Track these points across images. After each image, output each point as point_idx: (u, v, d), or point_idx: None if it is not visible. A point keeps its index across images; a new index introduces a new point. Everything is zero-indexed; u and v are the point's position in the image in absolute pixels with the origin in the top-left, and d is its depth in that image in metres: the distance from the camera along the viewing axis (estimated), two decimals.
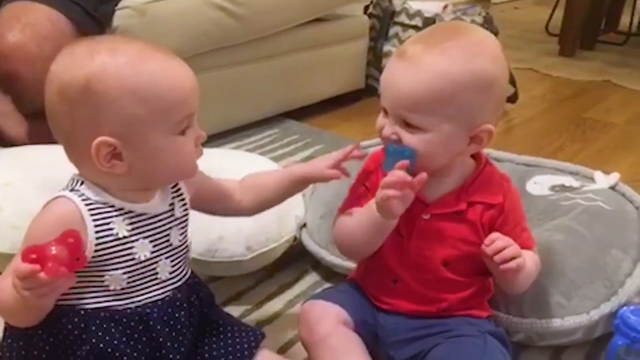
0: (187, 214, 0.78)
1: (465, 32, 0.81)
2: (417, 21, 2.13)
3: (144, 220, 0.72)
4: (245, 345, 0.80)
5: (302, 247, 1.17)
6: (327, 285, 1.11)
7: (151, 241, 0.72)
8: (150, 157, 0.68)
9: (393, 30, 2.20)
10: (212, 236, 1.04)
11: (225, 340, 0.80)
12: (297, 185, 0.88)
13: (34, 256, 0.59)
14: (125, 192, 0.70)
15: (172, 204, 0.76)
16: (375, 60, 2.23)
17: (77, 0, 1.37)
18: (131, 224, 0.70)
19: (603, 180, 1.14)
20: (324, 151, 1.67)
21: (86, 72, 0.64)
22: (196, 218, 1.03)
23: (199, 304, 0.79)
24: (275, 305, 1.07)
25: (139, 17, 1.47)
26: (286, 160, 1.67)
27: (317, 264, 1.17)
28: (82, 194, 0.69)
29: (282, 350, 0.94)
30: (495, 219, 0.84)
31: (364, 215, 0.84)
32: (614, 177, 1.13)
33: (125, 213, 0.70)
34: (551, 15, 3.34)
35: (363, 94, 2.24)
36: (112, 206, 0.69)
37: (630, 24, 3.22)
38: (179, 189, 0.77)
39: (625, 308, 0.90)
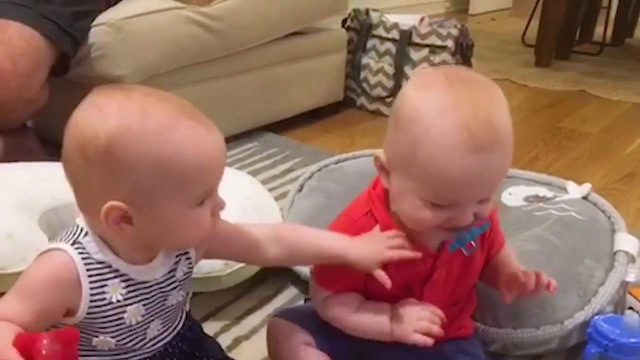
0: (190, 272, 0.75)
1: (486, 85, 0.74)
2: (394, 34, 2.15)
3: (142, 284, 0.68)
4: None
5: None
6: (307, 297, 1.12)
7: (144, 305, 0.69)
8: (163, 227, 0.65)
9: (371, 42, 2.22)
10: None
11: None
12: (328, 262, 0.80)
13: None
14: (128, 251, 0.67)
15: (175, 265, 0.72)
16: (353, 72, 2.25)
17: (51, 17, 1.36)
18: (126, 287, 0.67)
19: (576, 190, 1.16)
20: (304, 163, 1.68)
21: (110, 131, 0.60)
22: None
23: (189, 348, 0.77)
24: (254, 319, 1.07)
25: (115, 33, 1.47)
26: (266, 173, 1.67)
27: (296, 279, 1.17)
28: (84, 249, 0.65)
29: None
30: (490, 229, 0.84)
31: (371, 325, 0.80)
32: (586, 187, 1.15)
33: (122, 276, 0.67)
34: (527, 26, 3.39)
35: (342, 107, 2.25)
36: (110, 267, 0.66)
37: (604, 34, 3.28)
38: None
39: (597, 317, 0.92)
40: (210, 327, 1.01)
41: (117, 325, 0.67)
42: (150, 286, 0.69)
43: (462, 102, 0.69)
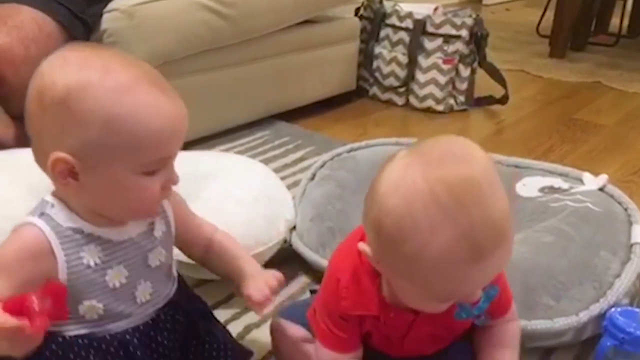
0: (169, 231, 0.75)
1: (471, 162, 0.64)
2: (408, 23, 2.13)
3: (118, 245, 0.68)
4: None
5: (292, 250, 1.16)
6: (317, 287, 1.11)
7: (126, 266, 0.69)
8: (106, 188, 0.64)
9: (384, 32, 2.21)
10: None
11: (211, 358, 0.77)
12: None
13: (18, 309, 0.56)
14: (93, 214, 0.67)
15: (152, 223, 0.72)
16: (366, 62, 2.23)
17: (64, 2, 1.36)
18: (103, 250, 0.67)
19: (592, 181, 1.14)
20: (316, 153, 1.67)
21: (68, 83, 0.61)
22: None
23: (186, 319, 0.76)
24: None
25: (128, 19, 1.47)
26: (278, 162, 1.66)
27: (307, 267, 1.16)
28: (52, 220, 0.65)
29: (270, 354, 0.94)
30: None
31: None
32: (603, 178, 1.14)
33: (96, 239, 0.67)
34: (542, 17, 3.35)
35: (354, 96, 2.24)
36: (82, 232, 0.66)
37: (621, 25, 3.23)
38: (162, 207, 0.74)
39: (613, 309, 0.90)
40: (221, 315, 1.00)
41: (101, 289, 0.67)
42: (128, 246, 0.69)
43: (453, 211, 0.59)
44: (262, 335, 0.97)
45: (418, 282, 0.64)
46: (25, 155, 1.13)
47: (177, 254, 0.81)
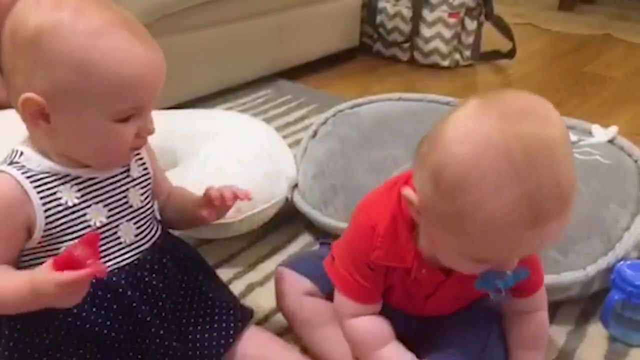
0: (147, 174, 0.75)
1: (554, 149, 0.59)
2: None
3: (94, 184, 0.68)
4: (232, 324, 0.78)
5: (294, 208, 1.15)
6: (328, 240, 1.10)
7: (105, 205, 0.69)
8: (77, 133, 0.64)
9: None
10: None
11: (212, 317, 0.77)
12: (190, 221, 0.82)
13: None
14: (67, 159, 0.66)
15: (127, 164, 0.72)
16: (369, 16, 2.18)
17: None
18: (80, 190, 0.67)
19: (601, 133, 1.11)
20: (318, 110, 1.65)
21: (39, 23, 0.60)
22: (183, 181, 1.02)
23: (174, 265, 0.76)
24: (267, 267, 1.05)
25: None
26: (280, 120, 1.64)
27: (310, 225, 1.15)
28: (22, 166, 0.65)
29: (274, 312, 0.93)
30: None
31: None
32: (612, 130, 1.11)
33: (72, 179, 0.67)
34: None
35: (357, 52, 2.19)
36: (57, 174, 0.66)
37: None
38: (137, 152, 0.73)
39: (622, 262, 0.89)
40: (223, 274, 0.99)
41: (82, 229, 0.67)
42: (106, 186, 0.69)
43: (524, 170, 0.56)
44: (265, 294, 0.97)
45: (464, 238, 0.62)
46: (18, 116, 1.12)
47: None
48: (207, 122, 1.23)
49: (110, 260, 0.70)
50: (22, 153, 0.66)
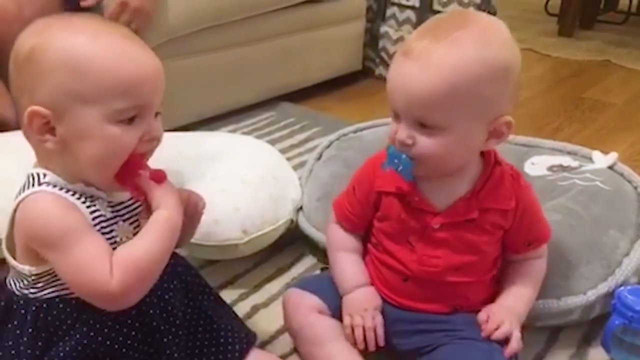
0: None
1: (471, 20, 0.76)
2: (415, 1, 2.11)
3: (118, 205, 0.71)
4: (237, 347, 0.79)
5: (299, 230, 1.16)
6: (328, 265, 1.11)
7: (130, 224, 0.71)
8: (79, 137, 0.64)
9: (390, 10, 2.18)
10: (207, 220, 1.02)
11: (218, 341, 0.78)
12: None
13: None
14: (81, 182, 0.67)
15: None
16: (372, 41, 2.21)
17: None
18: (109, 206, 0.69)
19: (601, 160, 1.13)
20: (322, 133, 1.67)
21: (34, 41, 0.64)
22: None
23: (182, 288, 0.77)
24: (272, 288, 1.06)
25: None
26: (284, 142, 1.65)
27: (314, 247, 1.16)
28: (53, 185, 0.66)
29: (279, 333, 0.94)
30: (511, 221, 0.83)
31: (338, 273, 0.89)
32: (612, 156, 1.12)
33: (99, 198, 0.68)
34: None
35: (360, 76, 2.22)
36: (84, 193, 0.67)
37: (630, 3, 3.19)
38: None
39: (622, 288, 0.90)
40: (228, 295, 1.01)
41: (110, 243, 0.67)
42: (125, 206, 0.71)
43: (437, 27, 0.76)
44: (270, 315, 0.98)
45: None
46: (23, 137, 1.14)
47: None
48: (213, 144, 1.24)
49: None
50: (45, 175, 0.67)
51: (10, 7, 1.27)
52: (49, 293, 0.68)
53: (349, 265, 0.89)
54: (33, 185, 0.66)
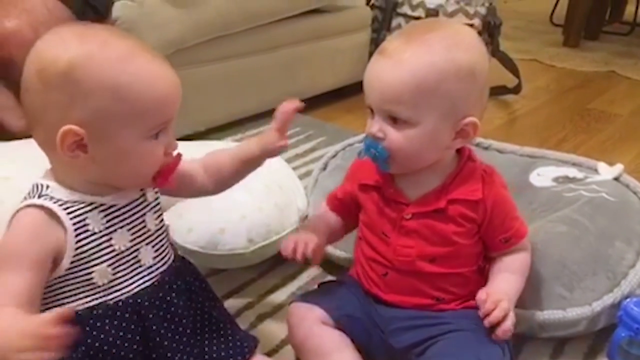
0: (158, 198, 0.78)
1: (443, 25, 0.85)
2: (420, 12, 2.11)
3: (118, 210, 0.71)
4: (239, 350, 0.79)
5: None
6: (329, 277, 1.11)
7: (129, 230, 0.72)
8: (115, 156, 0.67)
9: (396, 21, 2.19)
10: (213, 229, 1.04)
11: (225, 343, 0.79)
12: (251, 164, 0.84)
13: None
14: (89, 186, 0.69)
15: (143, 189, 0.75)
16: None
17: None
18: (106, 216, 0.70)
19: (607, 171, 1.13)
20: (327, 143, 1.67)
21: (71, 56, 0.63)
22: (197, 211, 1.04)
23: (187, 289, 0.78)
24: (278, 297, 1.07)
25: (138, 7, 1.47)
26: (289, 152, 1.66)
27: None
28: (52, 197, 0.67)
29: (284, 343, 0.94)
30: (481, 215, 0.84)
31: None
32: (618, 168, 1.12)
33: (98, 207, 0.69)
34: (555, 5, 3.32)
35: None
36: (84, 202, 0.68)
37: (636, 13, 3.20)
38: None
39: (628, 300, 0.90)
40: (233, 304, 1.01)
41: (108, 253, 0.69)
42: (128, 211, 0.72)
43: (411, 31, 0.86)
44: (275, 324, 0.98)
45: None
46: (33, 145, 1.15)
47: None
48: None
49: (133, 282, 0.72)
50: (47, 186, 0.68)
51: (27, 32, 1.27)
52: (53, 304, 0.68)
53: (322, 214, 0.98)
54: (33, 196, 0.68)
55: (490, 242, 0.87)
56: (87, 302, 0.69)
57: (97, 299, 0.70)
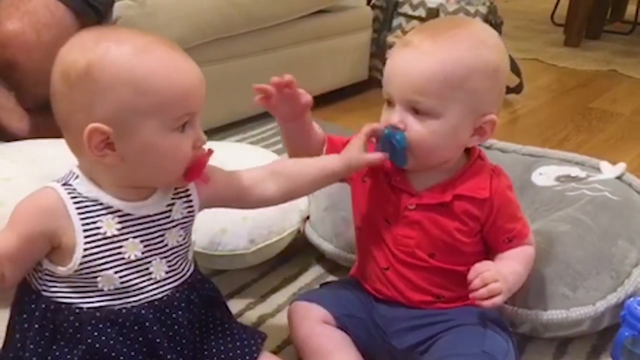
0: (190, 215, 0.76)
1: (468, 23, 0.86)
2: (421, 12, 2.11)
3: (135, 219, 0.70)
4: (246, 350, 0.78)
5: (306, 240, 1.16)
6: (331, 278, 1.11)
7: (142, 241, 0.70)
8: (142, 152, 0.66)
9: (396, 21, 2.19)
10: (214, 229, 1.04)
11: (231, 342, 0.78)
12: (333, 179, 0.85)
13: None
14: (118, 188, 0.69)
15: (171, 205, 0.73)
16: (378, 51, 2.22)
17: None
18: (120, 222, 0.69)
19: (609, 170, 1.12)
20: None
21: (88, 57, 0.64)
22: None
23: (200, 301, 0.77)
24: (279, 298, 1.06)
25: (139, 7, 1.47)
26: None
27: (321, 257, 1.16)
28: (74, 189, 0.68)
29: (285, 343, 0.94)
30: (486, 214, 0.84)
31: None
32: (621, 167, 1.12)
33: (115, 212, 0.68)
34: (556, 5, 3.32)
35: (366, 86, 2.22)
36: (101, 204, 0.68)
37: (637, 13, 3.19)
38: (187, 189, 0.75)
39: (632, 299, 0.89)
40: (235, 305, 1.01)
41: (117, 259, 0.69)
42: (145, 223, 0.71)
43: (436, 26, 0.86)
44: (276, 325, 0.97)
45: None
46: (39, 147, 1.15)
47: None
48: (220, 154, 1.24)
49: (141, 294, 0.71)
50: (77, 176, 0.69)
51: (29, 34, 1.28)
52: (58, 297, 0.68)
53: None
54: (60, 181, 0.69)
55: (492, 241, 0.87)
56: (90, 303, 0.69)
57: (101, 302, 0.69)
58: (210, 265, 1.07)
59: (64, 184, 0.68)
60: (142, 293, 0.71)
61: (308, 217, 1.18)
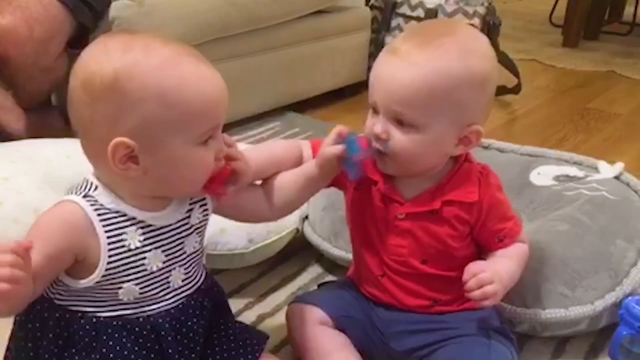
0: (206, 219, 0.75)
1: (457, 29, 0.81)
2: (419, 12, 2.12)
3: (157, 230, 0.69)
4: (249, 349, 0.78)
5: (304, 240, 1.16)
6: (329, 277, 1.11)
7: (164, 251, 0.70)
8: (167, 165, 0.65)
9: (395, 21, 2.19)
10: (213, 228, 1.03)
11: (234, 342, 0.78)
12: (316, 183, 0.83)
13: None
14: (138, 199, 0.67)
15: (189, 211, 0.73)
16: (377, 52, 2.19)
17: None
18: (144, 234, 0.68)
19: (607, 170, 1.13)
20: None
21: (116, 66, 0.61)
22: None
23: (211, 307, 0.76)
24: (278, 297, 1.06)
25: (137, 7, 1.47)
26: None
27: (319, 256, 1.16)
28: (95, 201, 0.66)
29: (284, 343, 0.94)
30: (475, 217, 0.83)
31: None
32: (619, 166, 1.12)
33: (138, 223, 0.67)
34: (554, 5, 3.32)
35: (365, 86, 2.22)
36: (125, 215, 0.67)
37: (635, 13, 3.20)
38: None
39: (630, 298, 0.89)
40: (234, 304, 1.00)
41: (139, 272, 0.68)
42: (167, 232, 0.70)
43: (424, 32, 0.81)
44: (275, 324, 0.97)
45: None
46: (37, 146, 1.15)
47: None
48: None
49: (158, 302, 0.70)
50: (96, 187, 0.67)
51: (22, 29, 1.27)
52: (72, 305, 0.68)
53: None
54: (80, 193, 0.67)
55: (484, 242, 0.86)
56: (107, 312, 0.68)
57: (118, 311, 0.68)
58: (209, 264, 1.05)
59: (85, 196, 0.66)
60: (160, 302, 0.71)
61: (307, 217, 1.18)
